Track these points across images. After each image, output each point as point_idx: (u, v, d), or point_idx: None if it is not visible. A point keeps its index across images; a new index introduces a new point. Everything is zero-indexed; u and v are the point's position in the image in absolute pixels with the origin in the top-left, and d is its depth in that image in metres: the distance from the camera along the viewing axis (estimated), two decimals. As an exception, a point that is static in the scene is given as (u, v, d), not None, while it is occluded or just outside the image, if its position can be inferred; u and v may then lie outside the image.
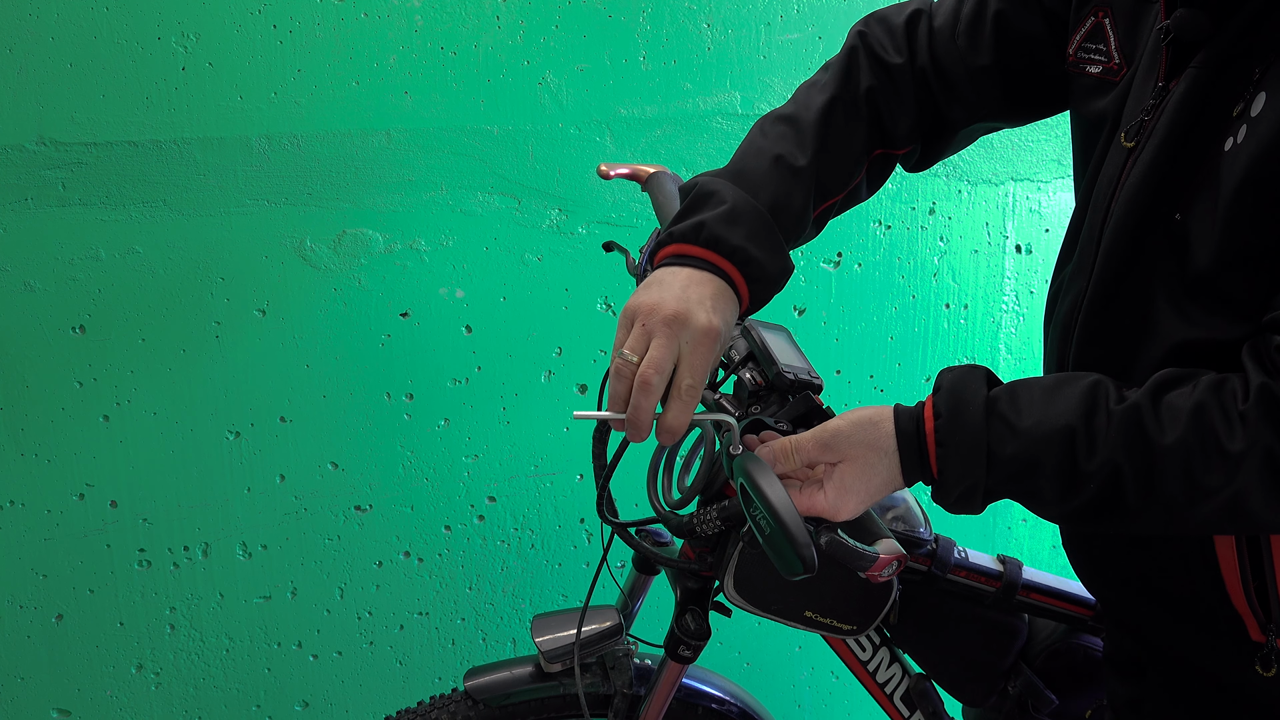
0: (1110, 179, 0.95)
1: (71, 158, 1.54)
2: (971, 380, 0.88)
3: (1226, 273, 0.84)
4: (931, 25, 1.11)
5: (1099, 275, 0.94)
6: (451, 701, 1.33)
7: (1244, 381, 0.80)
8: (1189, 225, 0.86)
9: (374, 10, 1.61)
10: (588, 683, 1.33)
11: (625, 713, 1.34)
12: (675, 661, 1.23)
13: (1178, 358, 0.88)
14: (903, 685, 1.27)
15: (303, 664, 1.85)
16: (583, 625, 1.28)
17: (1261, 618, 0.89)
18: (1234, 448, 0.78)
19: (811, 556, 0.83)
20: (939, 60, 1.09)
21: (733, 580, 1.06)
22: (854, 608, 1.06)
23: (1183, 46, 0.88)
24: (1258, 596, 0.89)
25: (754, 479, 0.86)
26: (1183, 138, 0.87)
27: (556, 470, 1.88)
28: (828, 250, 1.94)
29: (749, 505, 0.87)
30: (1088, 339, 0.96)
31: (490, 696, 1.32)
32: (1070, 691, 1.22)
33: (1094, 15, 1.01)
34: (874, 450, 0.88)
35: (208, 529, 1.74)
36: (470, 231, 1.73)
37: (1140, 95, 0.94)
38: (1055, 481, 0.84)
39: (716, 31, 1.78)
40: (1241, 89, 0.83)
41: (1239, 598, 0.89)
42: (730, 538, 1.09)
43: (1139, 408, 0.82)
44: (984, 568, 1.22)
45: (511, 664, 1.36)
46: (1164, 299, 0.89)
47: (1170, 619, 0.96)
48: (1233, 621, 0.91)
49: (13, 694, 1.72)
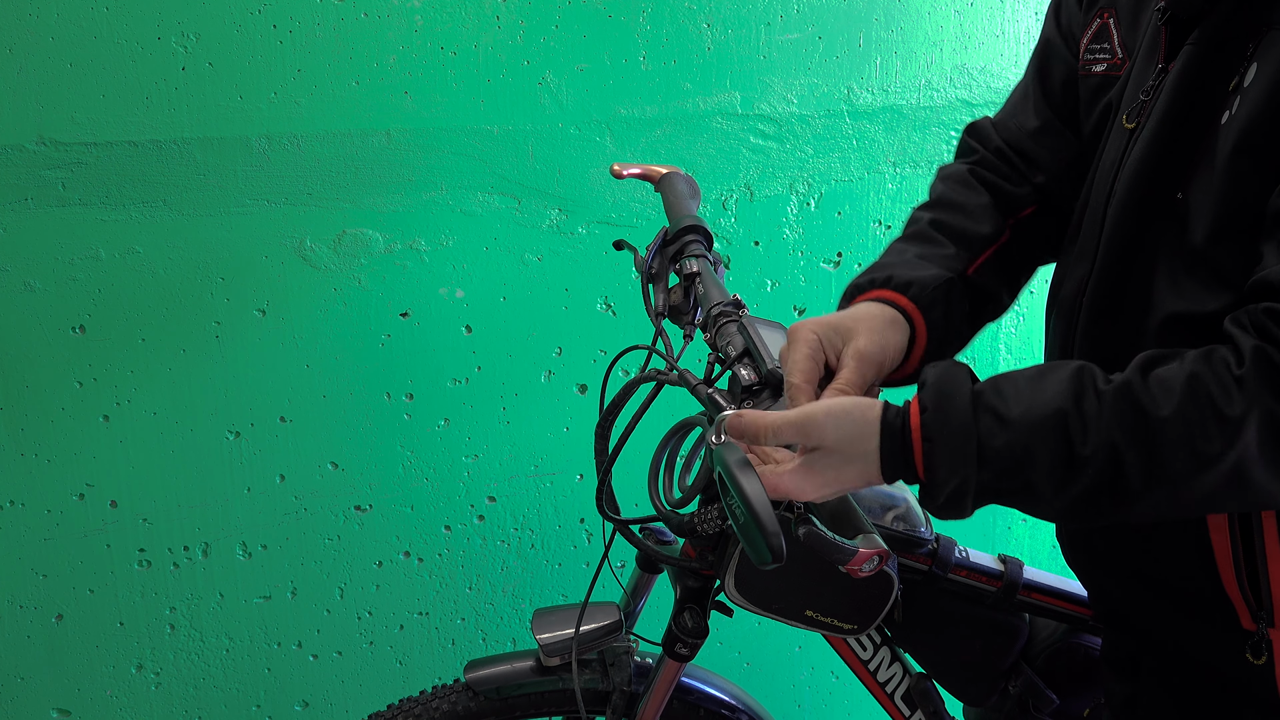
0: (1112, 161, 0.96)
1: (71, 158, 1.54)
2: (956, 374, 0.86)
3: (1219, 245, 0.84)
4: (991, 121, 1.20)
5: (1104, 257, 0.95)
6: (452, 692, 1.34)
7: (1234, 349, 0.79)
8: (1189, 203, 0.87)
9: (374, 10, 1.61)
10: (586, 679, 1.33)
11: (624, 710, 1.34)
12: (672, 660, 1.24)
13: (1167, 330, 0.88)
14: (904, 685, 1.27)
15: (303, 664, 1.85)
16: (582, 621, 1.28)
17: (1253, 605, 0.90)
18: (1233, 412, 0.77)
19: (780, 546, 0.82)
20: (1007, 139, 1.17)
21: (734, 579, 1.06)
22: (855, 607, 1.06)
23: (1180, 25, 0.90)
24: (1249, 583, 0.89)
25: (730, 468, 0.85)
26: (1181, 116, 0.88)
27: (556, 470, 1.88)
28: (828, 250, 1.94)
29: (724, 493, 0.87)
30: (1093, 319, 0.97)
31: (490, 688, 1.33)
32: (1071, 691, 1.22)
33: (1099, 17, 1.03)
34: (853, 442, 0.85)
35: (208, 529, 1.74)
36: (470, 231, 1.73)
37: (1140, 79, 0.96)
38: (1051, 471, 0.81)
39: (716, 31, 1.78)
40: (1237, 64, 0.85)
41: (1232, 585, 0.90)
42: (731, 537, 1.09)
43: (1129, 384, 0.80)
44: (985, 567, 1.22)
45: (512, 657, 1.37)
46: (1164, 276, 0.89)
47: (1165, 607, 0.97)
48: (1225, 609, 0.91)
49: (13, 694, 1.72)
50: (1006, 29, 1.97)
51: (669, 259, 1.27)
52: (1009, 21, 1.97)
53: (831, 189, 1.93)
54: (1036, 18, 1.98)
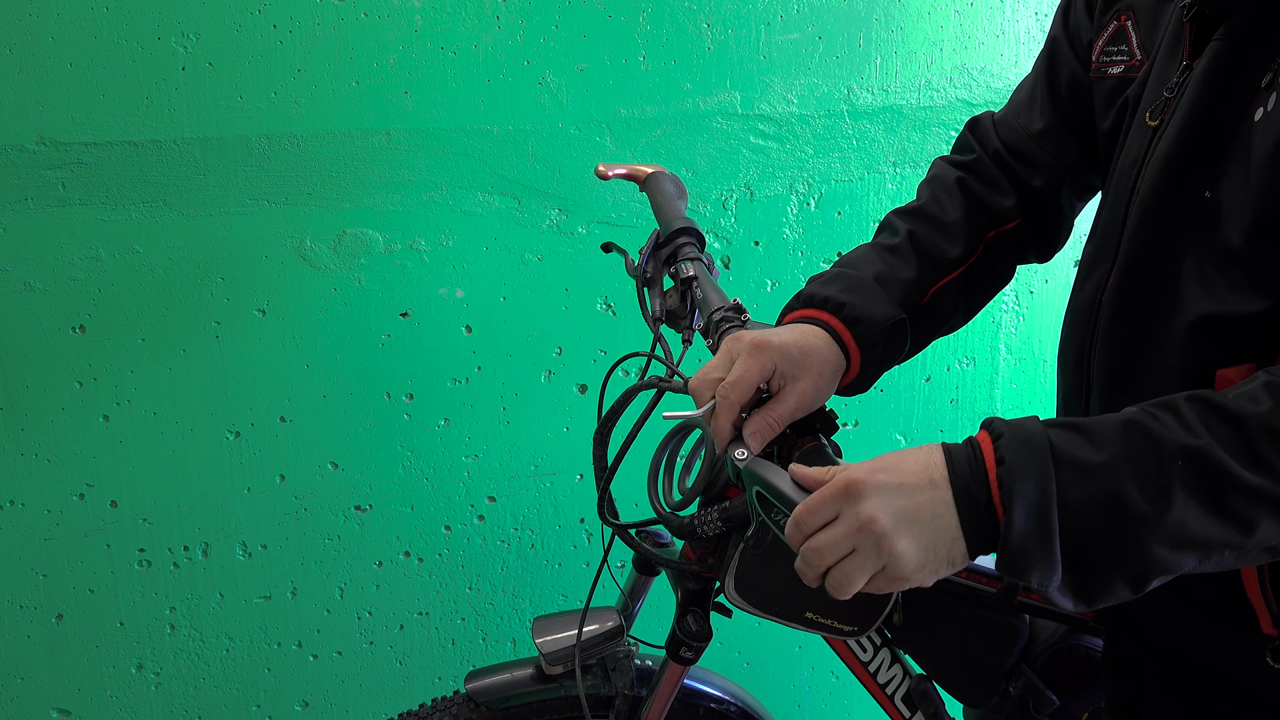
0: (1134, 159, 0.95)
1: (71, 158, 1.53)
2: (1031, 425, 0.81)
3: (1256, 245, 0.83)
4: (994, 118, 1.21)
5: (1125, 256, 0.94)
6: (453, 704, 1.33)
7: None
8: (1220, 201, 0.86)
9: (374, 10, 1.61)
10: (589, 684, 1.33)
11: (627, 714, 1.34)
12: (677, 663, 1.24)
13: (1199, 332, 0.87)
14: (904, 686, 1.27)
15: (303, 664, 1.85)
16: (583, 627, 1.28)
17: (1275, 610, 0.89)
18: None
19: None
20: (1007, 141, 1.18)
21: (734, 581, 1.06)
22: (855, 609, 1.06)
23: (1206, 22, 0.90)
24: (1273, 588, 0.88)
25: (770, 482, 0.86)
26: (1208, 111, 0.87)
27: (556, 470, 1.88)
28: (827, 250, 1.94)
29: (768, 510, 0.87)
30: (1116, 320, 0.95)
31: (491, 699, 1.32)
32: (1071, 692, 1.22)
33: (1117, 19, 1.03)
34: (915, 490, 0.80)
35: (208, 529, 1.74)
36: (470, 231, 1.73)
37: (1163, 77, 0.95)
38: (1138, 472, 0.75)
39: (716, 31, 1.78)
40: (1268, 59, 0.84)
41: (1254, 589, 0.89)
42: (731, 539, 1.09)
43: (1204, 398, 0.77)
44: (986, 569, 1.22)
45: (512, 666, 1.36)
46: (1192, 276, 0.88)
47: (1178, 611, 0.96)
48: (1245, 614, 0.90)
49: (13, 694, 1.72)
50: (1006, 29, 1.97)
51: (662, 262, 1.26)
52: (1009, 21, 1.97)
53: (831, 189, 1.93)
54: (1036, 18, 1.98)
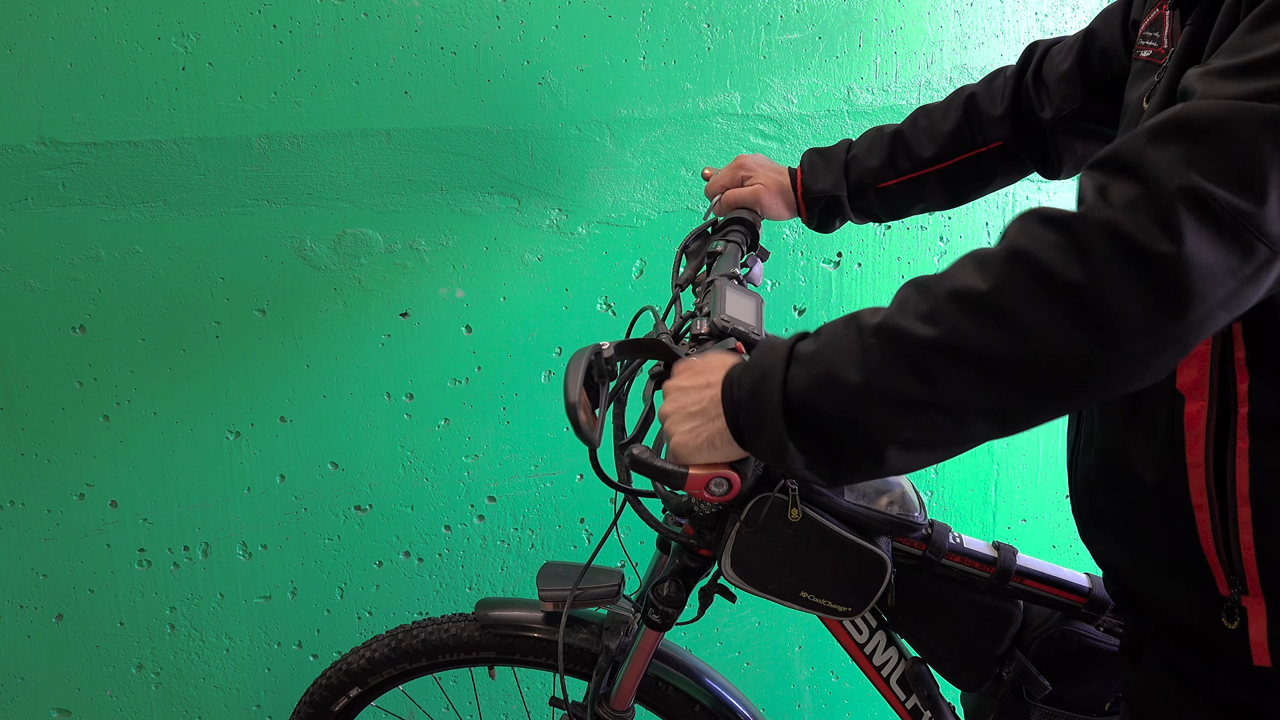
0: None
1: (71, 158, 1.54)
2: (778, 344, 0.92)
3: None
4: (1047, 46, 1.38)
5: None
6: (462, 619, 1.46)
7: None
8: None
9: (374, 10, 1.61)
10: (581, 638, 1.41)
11: (607, 675, 1.38)
12: (648, 626, 1.28)
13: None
14: (899, 668, 1.29)
15: (303, 664, 1.85)
16: (583, 578, 1.36)
17: (1228, 571, 0.92)
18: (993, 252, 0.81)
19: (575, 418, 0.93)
20: (1040, 70, 1.36)
21: (730, 559, 1.11)
22: (849, 589, 1.10)
23: (1186, 9, 0.95)
24: (1224, 550, 0.91)
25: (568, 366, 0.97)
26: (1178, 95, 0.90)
27: (556, 470, 1.88)
28: (827, 250, 1.94)
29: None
30: None
31: (495, 625, 1.44)
32: (1064, 677, 1.23)
33: (1158, 7, 1.07)
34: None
35: (208, 529, 1.74)
36: (470, 231, 1.74)
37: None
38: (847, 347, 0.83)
39: (716, 31, 1.78)
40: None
41: (1211, 551, 0.92)
42: (729, 518, 1.12)
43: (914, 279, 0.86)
44: (978, 553, 1.23)
45: (524, 604, 1.47)
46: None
47: (1154, 571, 0.99)
48: (1206, 575, 0.94)
49: (13, 694, 1.72)
50: (1006, 29, 1.97)
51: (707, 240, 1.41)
52: (1009, 21, 1.97)
53: (831, 189, 1.93)
54: (1036, 18, 1.98)
